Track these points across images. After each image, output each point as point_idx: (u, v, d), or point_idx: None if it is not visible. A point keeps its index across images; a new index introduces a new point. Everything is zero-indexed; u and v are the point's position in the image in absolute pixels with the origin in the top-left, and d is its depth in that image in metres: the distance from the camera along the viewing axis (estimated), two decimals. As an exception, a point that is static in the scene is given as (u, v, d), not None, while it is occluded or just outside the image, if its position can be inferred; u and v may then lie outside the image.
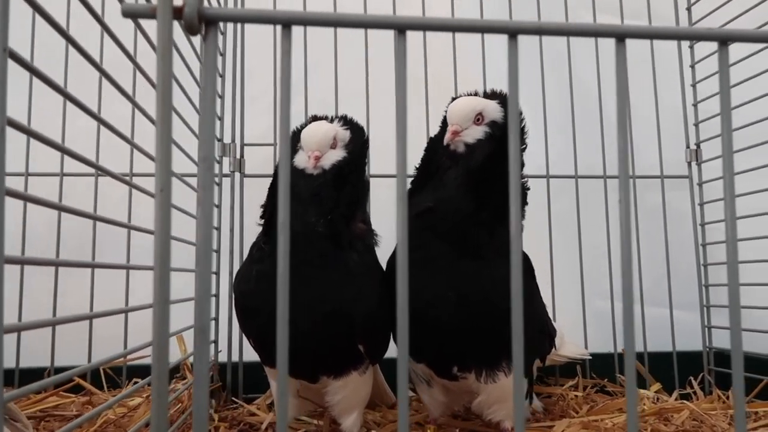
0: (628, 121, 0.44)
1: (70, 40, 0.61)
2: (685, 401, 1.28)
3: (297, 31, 1.19)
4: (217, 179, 1.43)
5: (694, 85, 1.59)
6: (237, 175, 1.46)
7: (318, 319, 0.97)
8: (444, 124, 1.10)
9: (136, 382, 1.31)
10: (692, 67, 1.59)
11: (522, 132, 1.09)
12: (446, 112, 1.09)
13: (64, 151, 0.57)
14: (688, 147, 1.60)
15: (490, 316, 0.99)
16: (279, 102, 0.40)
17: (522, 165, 1.11)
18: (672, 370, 1.50)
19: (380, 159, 1.39)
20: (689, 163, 1.59)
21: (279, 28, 0.40)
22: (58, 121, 1.31)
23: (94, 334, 1.33)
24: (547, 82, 1.57)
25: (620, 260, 0.46)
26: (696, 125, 1.59)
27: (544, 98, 1.55)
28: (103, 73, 0.71)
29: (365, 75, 1.47)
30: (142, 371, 1.36)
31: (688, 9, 1.60)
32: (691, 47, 1.59)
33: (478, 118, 1.05)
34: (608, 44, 0.46)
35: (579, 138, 1.56)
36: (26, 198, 0.55)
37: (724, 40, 0.43)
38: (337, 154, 1.03)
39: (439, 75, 1.51)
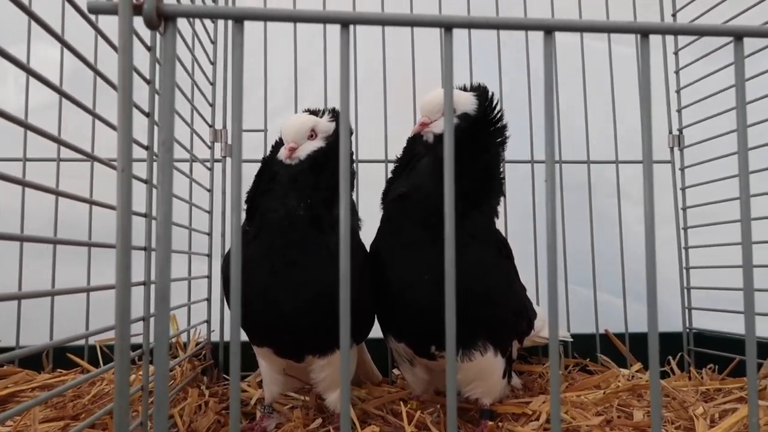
0: (555, 111, 0.48)
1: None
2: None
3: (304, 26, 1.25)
4: (208, 164, 1.47)
5: (677, 72, 1.61)
6: (228, 160, 1.50)
7: (301, 300, 1.01)
8: None
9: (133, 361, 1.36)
10: (675, 54, 1.62)
11: (493, 122, 1.12)
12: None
13: (28, 126, 0.58)
14: (670, 132, 1.63)
15: (463, 297, 1.03)
16: (231, 96, 0.44)
17: (502, 157, 1.15)
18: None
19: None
20: (671, 149, 1.62)
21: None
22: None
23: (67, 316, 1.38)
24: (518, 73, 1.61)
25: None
26: (679, 111, 1.62)
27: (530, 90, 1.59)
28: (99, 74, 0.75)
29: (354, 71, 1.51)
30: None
31: (674, 15, 1.63)
32: (675, 35, 1.62)
33: None
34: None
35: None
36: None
37: (645, 32, 0.46)
38: (315, 145, 1.08)
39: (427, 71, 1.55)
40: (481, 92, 1.12)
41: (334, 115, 1.14)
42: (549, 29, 0.47)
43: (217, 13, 0.43)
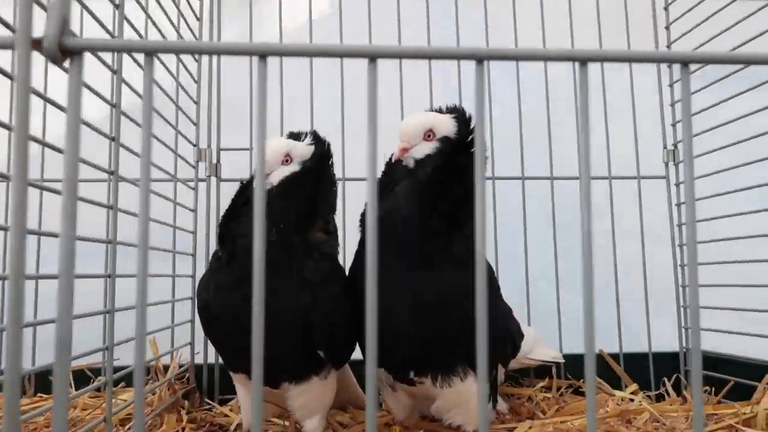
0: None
1: None
2: (643, 403, 1.29)
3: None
4: (192, 183, 1.46)
5: (671, 85, 1.58)
6: (213, 179, 1.49)
7: (274, 326, 0.99)
8: None
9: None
10: (670, 67, 1.58)
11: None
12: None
13: None
14: (665, 147, 1.59)
15: (441, 323, 1.01)
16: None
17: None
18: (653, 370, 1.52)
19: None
20: (666, 164, 1.59)
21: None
22: None
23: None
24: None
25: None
26: (674, 125, 1.58)
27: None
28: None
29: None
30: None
31: (667, 28, 1.60)
32: (668, 47, 1.59)
33: (429, 135, 1.07)
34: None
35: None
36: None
37: (584, 60, 0.44)
38: (289, 170, 1.06)
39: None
40: (459, 114, 1.10)
41: (314, 138, 1.12)
42: (480, 59, 0.44)
43: (126, 47, 0.42)
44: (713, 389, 1.40)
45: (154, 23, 1.19)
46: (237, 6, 1.60)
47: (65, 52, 0.40)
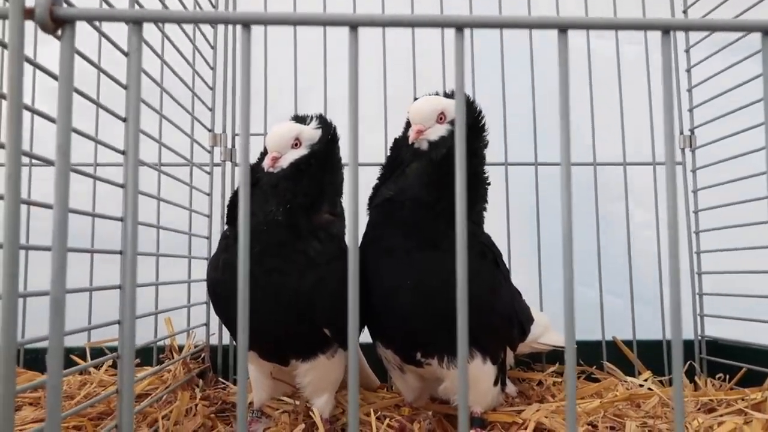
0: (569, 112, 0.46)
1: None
2: (653, 388, 1.28)
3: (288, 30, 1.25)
4: (207, 168, 1.49)
5: (688, 71, 1.56)
6: (228, 164, 1.51)
7: (280, 305, 1.01)
8: (407, 124, 1.14)
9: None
10: (687, 51, 1.56)
11: (482, 128, 1.12)
12: (409, 112, 1.12)
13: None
14: (681, 133, 1.57)
15: (447, 304, 1.02)
16: (129, 105, 0.43)
17: (483, 160, 1.14)
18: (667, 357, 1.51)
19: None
20: (683, 150, 1.57)
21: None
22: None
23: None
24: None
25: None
26: (690, 111, 1.56)
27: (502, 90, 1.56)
28: None
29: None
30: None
31: (685, 12, 1.57)
32: (685, 12, 1.56)
33: (441, 117, 1.08)
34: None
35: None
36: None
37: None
38: (298, 153, 1.07)
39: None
40: (464, 97, 1.11)
41: (321, 122, 1.13)
42: (563, 28, 0.45)
43: (117, 16, 0.43)
44: (727, 377, 1.39)
45: (164, 4, 1.21)
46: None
47: (57, 20, 0.41)
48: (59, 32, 0.42)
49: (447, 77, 1.53)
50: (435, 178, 1.05)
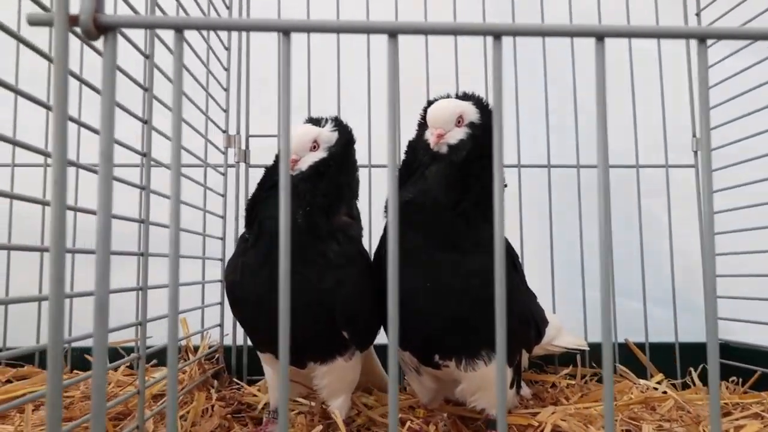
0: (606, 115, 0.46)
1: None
2: (668, 391, 1.28)
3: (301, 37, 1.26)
4: (222, 169, 1.49)
5: (708, 68, 1.55)
6: (242, 165, 1.52)
7: (299, 307, 1.01)
8: (420, 126, 1.14)
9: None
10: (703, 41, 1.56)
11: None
12: (422, 114, 1.12)
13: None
14: (694, 135, 1.57)
15: (466, 307, 1.02)
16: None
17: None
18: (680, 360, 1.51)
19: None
20: (696, 152, 1.57)
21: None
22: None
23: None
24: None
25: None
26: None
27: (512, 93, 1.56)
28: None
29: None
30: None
31: (698, 15, 1.57)
32: (697, 15, 1.56)
33: (459, 120, 1.09)
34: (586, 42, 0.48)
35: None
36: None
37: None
38: (317, 156, 1.08)
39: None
40: (476, 100, 1.11)
41: (336, 124, 1.14)
42: (600, 36, 0.45)
43: (160, 23, 0.43)
44: (740, 380, 1.39)
45: (183, 8, 1.22)
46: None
47: (100, 28, 0.42)
48: (101, 39, 0.42)
49: (460, 79, 1.53)
50: (455, 180, 1.05)
